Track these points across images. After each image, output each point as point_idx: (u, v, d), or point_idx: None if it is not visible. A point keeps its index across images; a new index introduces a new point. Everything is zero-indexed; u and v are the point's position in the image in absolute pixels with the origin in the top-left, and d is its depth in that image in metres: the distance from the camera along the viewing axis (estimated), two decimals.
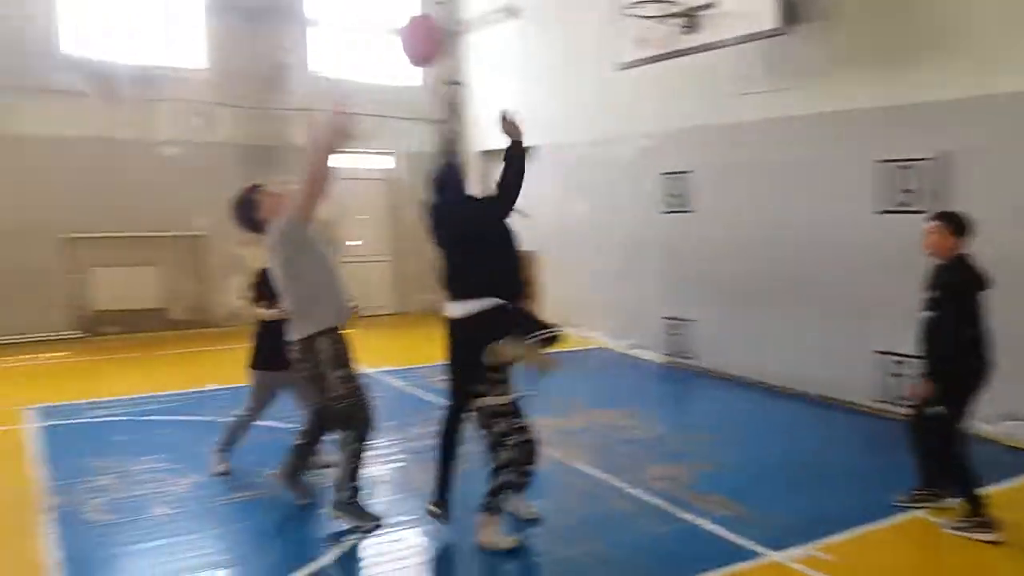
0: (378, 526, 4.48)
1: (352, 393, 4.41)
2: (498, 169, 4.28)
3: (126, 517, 4.76)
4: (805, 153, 7.49)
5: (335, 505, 4.48)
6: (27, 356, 9.55)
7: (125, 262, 10.84)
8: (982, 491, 4.38)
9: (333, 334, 4.38)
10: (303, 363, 4.43)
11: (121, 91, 10.69)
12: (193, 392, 7.67)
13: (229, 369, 7.74)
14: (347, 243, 12.75)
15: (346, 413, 4.41)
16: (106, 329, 10.77)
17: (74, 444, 5.96)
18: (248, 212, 4.54)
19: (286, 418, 5.88)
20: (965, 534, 4.34)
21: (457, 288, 4.31)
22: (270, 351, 5.07)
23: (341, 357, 4.40)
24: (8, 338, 10.07)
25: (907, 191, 6.58)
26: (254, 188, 4.60)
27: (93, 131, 10.56)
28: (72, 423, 6.64)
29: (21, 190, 10.11)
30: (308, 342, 4.34)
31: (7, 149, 10.04)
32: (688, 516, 4.72)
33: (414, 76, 13.09)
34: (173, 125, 11.11)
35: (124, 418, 6.81)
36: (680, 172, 8.79)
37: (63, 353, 9.77)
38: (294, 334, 4.41)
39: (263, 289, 5.04)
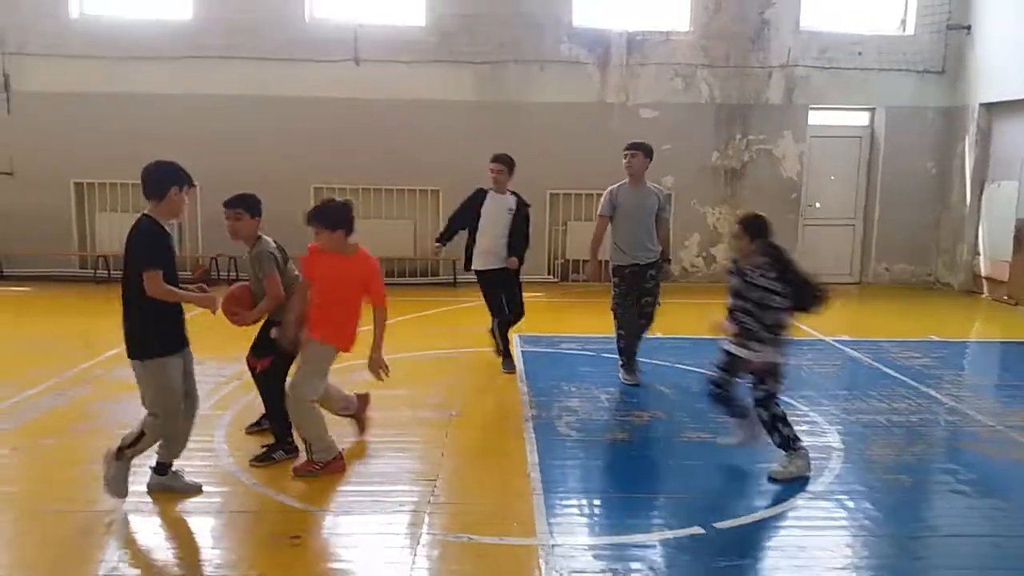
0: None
1: None
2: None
3: (590, 436, 5.46)
4: None
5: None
6: None
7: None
8: None
9: None
10: None
11: (616, 58, 11.71)
12: (654, 338, 8.05)
13: (676, 319, 8.19)
14: (811, 205, 12.30)
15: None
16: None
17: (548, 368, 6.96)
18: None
19: None
20: None
21: None
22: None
23: None
24: None
25: None
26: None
27: (588, 97, 11.75)
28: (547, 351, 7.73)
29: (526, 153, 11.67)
30: None
31: (511, 115, 11.55)
32: None
33: (906, 23, 11.91)
34: (654, 87, 11.82)
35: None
36: None
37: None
38: None
39: None
